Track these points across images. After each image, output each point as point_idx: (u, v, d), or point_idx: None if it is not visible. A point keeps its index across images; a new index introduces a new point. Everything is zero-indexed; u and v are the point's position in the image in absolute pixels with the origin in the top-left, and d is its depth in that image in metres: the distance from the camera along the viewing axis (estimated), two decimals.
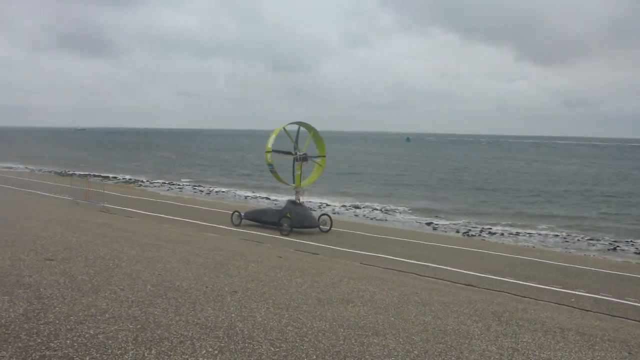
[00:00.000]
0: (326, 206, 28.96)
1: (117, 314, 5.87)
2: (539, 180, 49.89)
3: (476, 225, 24.27)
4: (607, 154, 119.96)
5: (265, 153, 17.39)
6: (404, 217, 26.28)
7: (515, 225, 24.78)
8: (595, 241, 21.17)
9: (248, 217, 18.11)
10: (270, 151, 17.15)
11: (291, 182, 18.01)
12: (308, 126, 18.17)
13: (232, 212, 18.47)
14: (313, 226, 17.28)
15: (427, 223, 24.35)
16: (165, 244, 11.30)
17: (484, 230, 22.82)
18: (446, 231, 22.45)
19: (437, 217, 26.56)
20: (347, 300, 7.62)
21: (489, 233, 22.15)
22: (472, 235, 21.54)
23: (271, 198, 31.63)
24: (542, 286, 11.20)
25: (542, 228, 24.10)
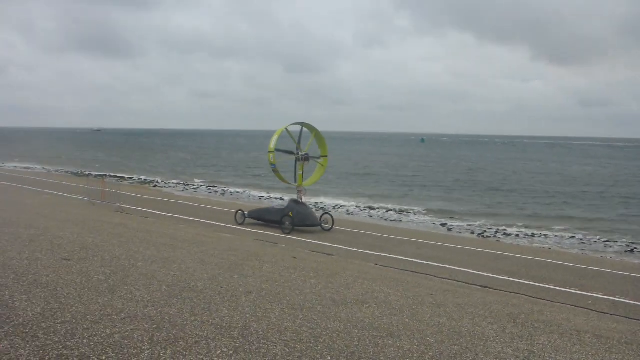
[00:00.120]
0: (340, 207, 28.95)
1: (133, 314, 5.92)
2: (555, 181, 49.45)
3: (491, 226, 24.11)
4: (624, 155, 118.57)
5: (267, 153, 17.80)
6: (419, 218, 26.18)
7: (530, 226, 24.57)
8: (612, 243, 20.94)
9: (252, 216, 18.43)
10: (272, 151, 17.46)
11: (293, 182, 18.23)
12: (310, 127, 18.49)
13: (236, 211, 18.83)
14: (315, 225, 17.50)
15: (442, 224, 24.24)
16: (180, 245, 11.37)
17: (499, 231, 22.66)
18: (461, 232, 22.34)
19: (452, 218, 26.42)
20: (362, 301, 7.61)
21: (504, 234, 21.99)
22: (487, 236, 21.40)
23: (285, 199, 31.65)
24: (559, 288, 11.09)
25: (558, 229, 23.87)
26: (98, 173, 44.48)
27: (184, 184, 39.23)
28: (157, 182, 40.19)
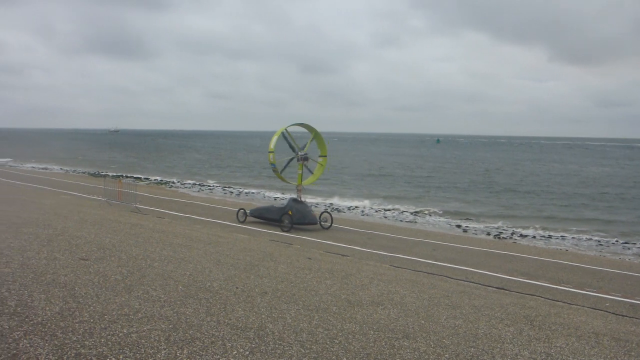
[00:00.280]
0: (355, 208, 28.92)
1: (150, 314, 5.97)
2: (573, 182, 48.95)
3: (507, 227, 23.94)
4: None
5: (268, 153, 18.18)
6: (434, 219, 26.06)
7: (547, 228, 24.34)
8: (630, 245, 20.68)
9: (253, 214, 18.86)
10: (272, 151, 17.84)
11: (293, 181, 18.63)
12: (309, 127, 18.95)
13: (238, 210, 19.33)
14: (313, 223, 17.89)
15: (457, 225, 24.10)
16: (196, 245, 11.43)
17: (515, 232, 22.49)
18: (477, 234, 22.19)
19: (468, 220, 26.27)
20: (377, 302, 7.60)
21: (521, 236, 21.82)
22: (503, 237, 21.25)
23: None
24: (576, 290, 10.99)
25: (576, 231, 23.63)
26: (115, 173, 44.86)
27: (200, 185, 39.42)
28: (173, 183, 40.43)
